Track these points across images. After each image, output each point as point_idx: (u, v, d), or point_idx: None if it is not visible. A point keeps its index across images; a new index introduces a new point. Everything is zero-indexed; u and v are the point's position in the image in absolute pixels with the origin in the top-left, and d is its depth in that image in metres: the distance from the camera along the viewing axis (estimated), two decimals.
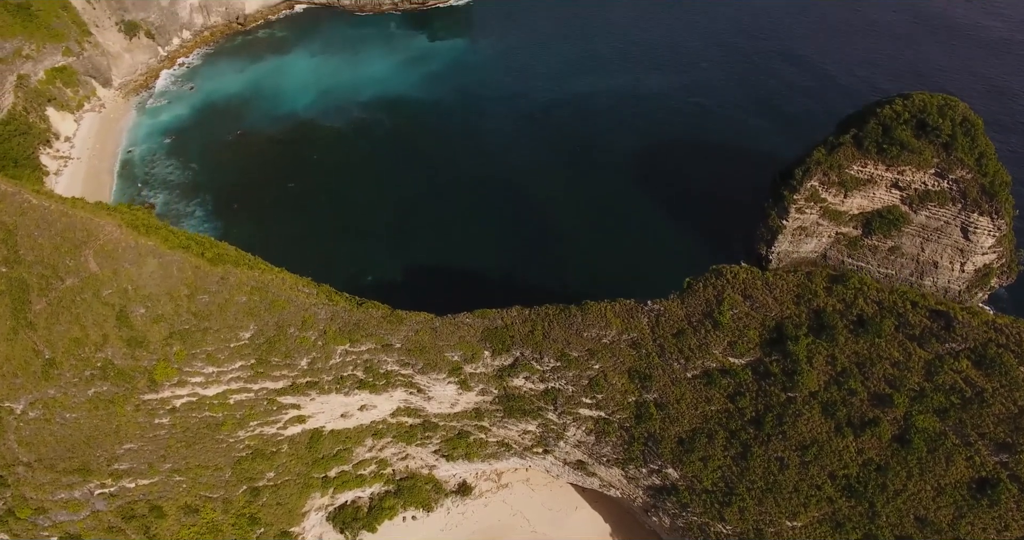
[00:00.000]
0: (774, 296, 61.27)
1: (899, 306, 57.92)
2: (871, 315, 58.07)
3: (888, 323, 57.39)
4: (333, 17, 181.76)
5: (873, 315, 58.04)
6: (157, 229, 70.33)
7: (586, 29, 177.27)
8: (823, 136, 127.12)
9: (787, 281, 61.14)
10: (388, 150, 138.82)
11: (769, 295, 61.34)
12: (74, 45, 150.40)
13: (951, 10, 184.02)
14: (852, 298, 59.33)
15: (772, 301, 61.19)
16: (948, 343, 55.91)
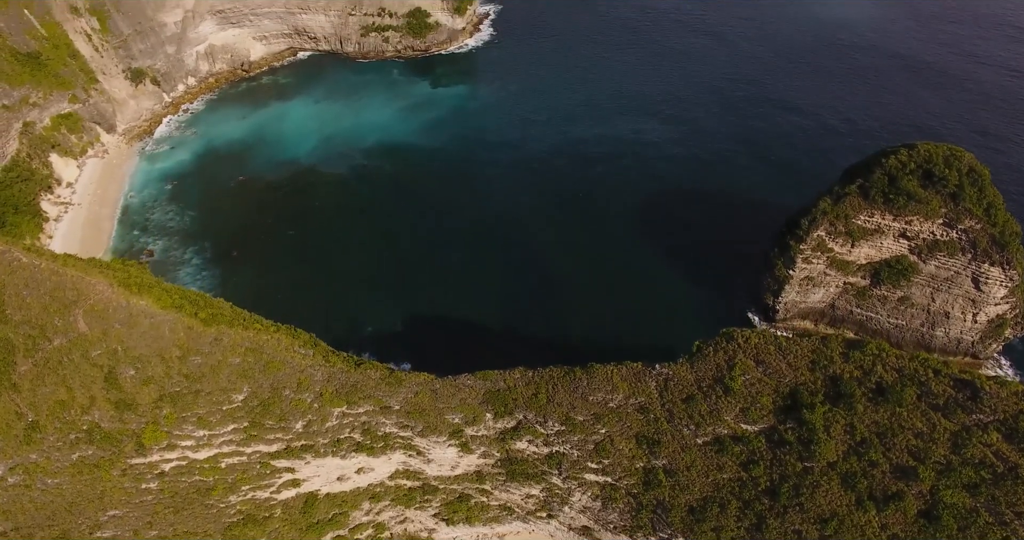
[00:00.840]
0: (788, 362, 59.01)
1: (921, 374, 55.56)
2: (891, 383, 55.68)
3: (910, 392, 54.99)
4: (336, 64, 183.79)
5: (893, 383, 55.66)
6: (150, 288, 68.52)
7: (585, 77, 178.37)
8: (820, 184, 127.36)
9: (801, 346, 58.95)
10: (389, 197, 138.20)
11: (783, 360, 59.08)
12: (81, 92, 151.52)
13: (941, 58, 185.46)
14: (870, 365, 57.03)
15: (786, 367, 58.90)
16: (975, 414, 53.41)
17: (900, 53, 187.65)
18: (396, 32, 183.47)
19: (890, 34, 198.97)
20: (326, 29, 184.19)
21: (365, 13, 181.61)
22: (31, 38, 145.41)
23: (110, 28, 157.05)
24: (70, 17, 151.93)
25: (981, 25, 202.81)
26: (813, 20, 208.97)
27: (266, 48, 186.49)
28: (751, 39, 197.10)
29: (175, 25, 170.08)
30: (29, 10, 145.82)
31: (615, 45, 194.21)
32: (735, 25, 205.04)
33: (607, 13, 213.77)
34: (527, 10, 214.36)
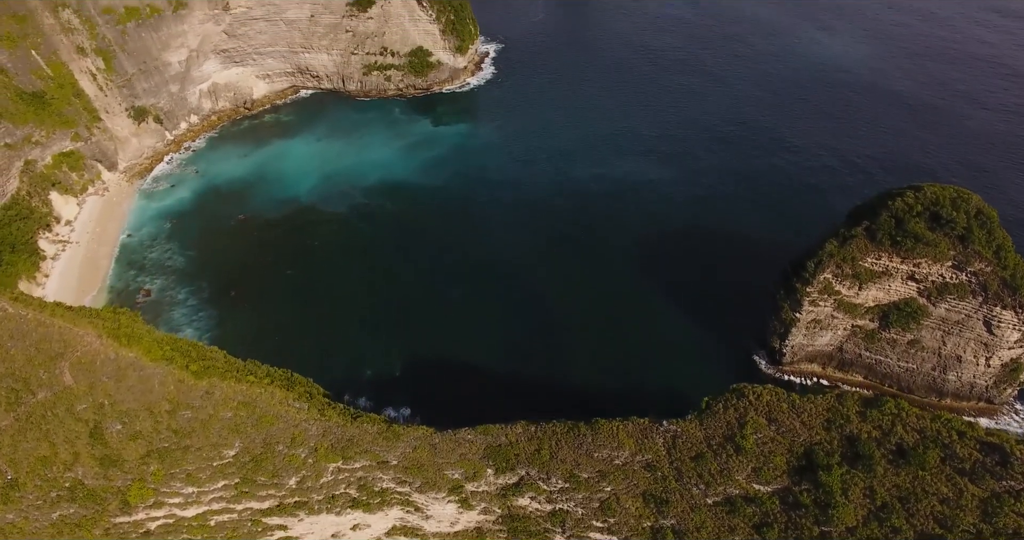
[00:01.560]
0: (802, 420, 56.59)
1: (944, 435, 53.10)
2: (913, 445, 53.21)
3: (933, 454, 52.44)
4: (338, 102, 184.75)
5: (915, 445, 53.17)
6: (140, 338, 66.57)
7: (584, 116, 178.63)
8: (820, 225, 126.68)
9: (815, 404, 56.59)
10: (390, 237, 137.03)
11: (796, 419, 56.67)
12: (83, 130, 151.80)
13: (936, 98, 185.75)
14: (889, 425, 54.59)
15: (800, 425, 56.47)
16: (1005, 480, 50.68)
17: (895, 93, 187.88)
18: (398, 71, 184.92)
19: (885, 74, 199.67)
20: (328, 68, 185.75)
21: (367, 52, 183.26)
22: (37, 78, 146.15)
23: (115, 67, 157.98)
24: (76, 57, 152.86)
25: (975, 66, 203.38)
26: (808, 60, 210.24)
27: (269, 86, 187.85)
28: (747, 79, 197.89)
29: (179, 64, 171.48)
30: (36, 51, 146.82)
31: (614, 83, 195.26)
32: (731, 64, 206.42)
33: (606, 52, 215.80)
34: (527, 49, 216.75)
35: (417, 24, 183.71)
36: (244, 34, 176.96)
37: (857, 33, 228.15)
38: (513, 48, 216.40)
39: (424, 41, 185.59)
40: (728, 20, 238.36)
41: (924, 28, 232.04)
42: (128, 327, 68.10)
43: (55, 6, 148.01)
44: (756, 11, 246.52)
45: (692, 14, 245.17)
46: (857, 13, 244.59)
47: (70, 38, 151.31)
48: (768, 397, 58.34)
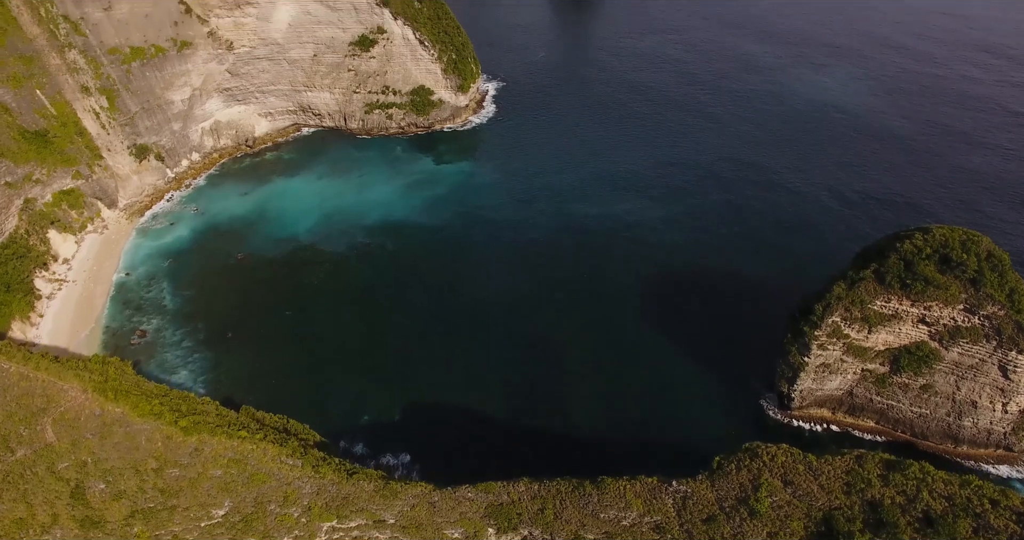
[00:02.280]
0: (820, 483, 53.85)
1: (975, 504, 50.21)
2: (941, 513, 50.32)
3: (964, 524, 49.55)
4: (340, 140, 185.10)
5: (943, 513, 50.31)
6: (128, 393, 64.16)
7: (585, 155, 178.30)
8: (823, 266, 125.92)
9: (834, 466, 53.92)
10: (390, 277, 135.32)
11: (814, 481, 53.94)
12: (85, 168, 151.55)
13: (936, 139, 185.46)
14: (914, 490, 51.83)
15: (818, 489, 53.71)
16: None
17: (892, 131, 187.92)
18: (400, 109, 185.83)
19: (881, 113, 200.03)
20: (330, 106, 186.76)
21: (369, 91, 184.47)
22: (41, 116, 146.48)
23: (118, 106, 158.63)
24: (80, 96, 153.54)
25: (970, 105, 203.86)
26: (803, 98, 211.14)
27: (271, 124, 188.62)
28: (743, 117, 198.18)
29: (182, 102, 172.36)
30: (41, 90, 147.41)
31: (612, 122, 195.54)
32: (727, 103, 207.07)
33: (604, 91, 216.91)
34: (528, 87, 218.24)
35: (419, 63, 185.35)
36: (247, 73, 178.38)
37: (851, 72, 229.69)
38: (514, 86, 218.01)
39: (426, 80, 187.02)
40: (723, 59, 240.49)
41: (917, 67, 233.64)
42: (116, 380, 65.73)
43: (62, 47, 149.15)
44: (750, 50, 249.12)
45: (687, 54, 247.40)
46: (851, 52, 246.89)
47: (75, 78, 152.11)
48: (783, 458, 55.66)
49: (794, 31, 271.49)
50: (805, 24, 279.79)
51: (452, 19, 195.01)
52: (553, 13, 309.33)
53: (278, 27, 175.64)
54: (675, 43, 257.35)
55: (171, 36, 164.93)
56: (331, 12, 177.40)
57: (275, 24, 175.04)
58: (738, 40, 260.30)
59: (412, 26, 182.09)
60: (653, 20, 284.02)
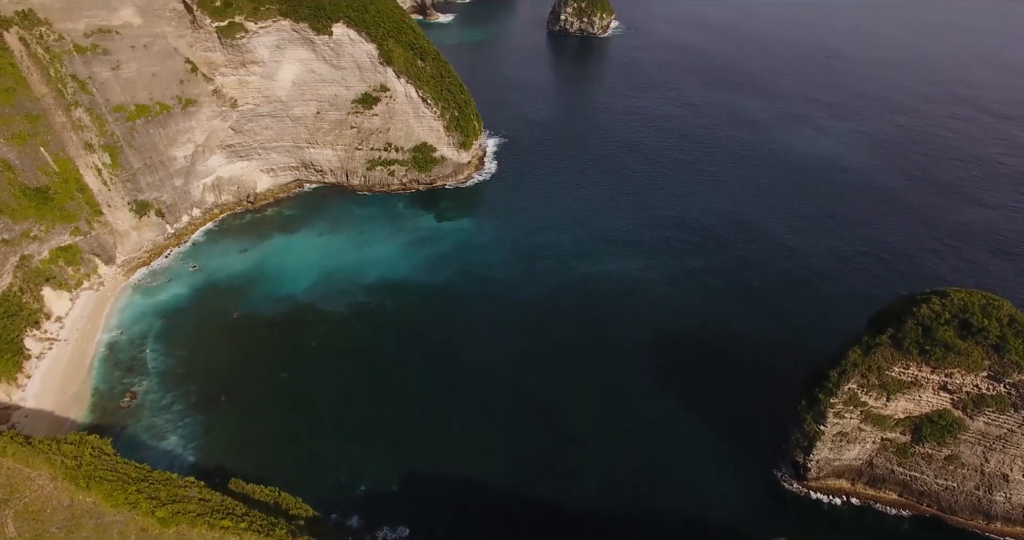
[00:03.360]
0: None
1: None
2: None
3: None
4: (341, 196, 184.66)
5: None
6: (102, 480, 59.72)
7: (587, 212, 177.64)
8: (832, 327, 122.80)
9: None
10: (389, 336, 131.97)
11: None
12: (84, 225, 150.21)
13: (936, 197, 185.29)
14: None
15: None
16: None
17: (895, 191, 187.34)
18: (402, 166, 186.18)
19: (883, 172, 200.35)
20: (333, 162, 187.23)
21: (372, 147, 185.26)
22: (43, 173, 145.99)
23: (121, 163, 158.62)
24: (83, 153, 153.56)
25: (974, 164, 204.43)
26: (804, 158, 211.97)
27: (273, 180, 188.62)
28: (745, 178, 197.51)
29: (184, 159, 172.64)
30: (45, 147, 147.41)
31: (615, 181, 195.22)
32: (728, 163, 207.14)
33: (606, 149, 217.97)
34: (530, 144, 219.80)
35: (422, 120, 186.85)
36: (250, 130, 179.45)
37: (849, 129, 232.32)
38: (516, 143, 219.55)
39: (428, 137, 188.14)
40: (719, 117, 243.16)
41: (915, 124, 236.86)
42: (91, 464, 61.37)
43: (68, 105, 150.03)
44: (746, 107, 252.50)
45: (683, 111, 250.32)
46: (848, 109, 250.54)
47: (79, 135, 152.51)
48: None
49: (790, 88, 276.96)
50: (801, 82, 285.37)
51: (455, 77, 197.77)
52: (553, 71, 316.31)
53: (282, 85, 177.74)
54: (671, 101, 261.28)
55: (176, 94, 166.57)
56: (335, 70, 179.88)
57: (279, 82, 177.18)
58: (734, 98, 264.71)
59: (415, 84, 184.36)
60: (650, 78, 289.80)
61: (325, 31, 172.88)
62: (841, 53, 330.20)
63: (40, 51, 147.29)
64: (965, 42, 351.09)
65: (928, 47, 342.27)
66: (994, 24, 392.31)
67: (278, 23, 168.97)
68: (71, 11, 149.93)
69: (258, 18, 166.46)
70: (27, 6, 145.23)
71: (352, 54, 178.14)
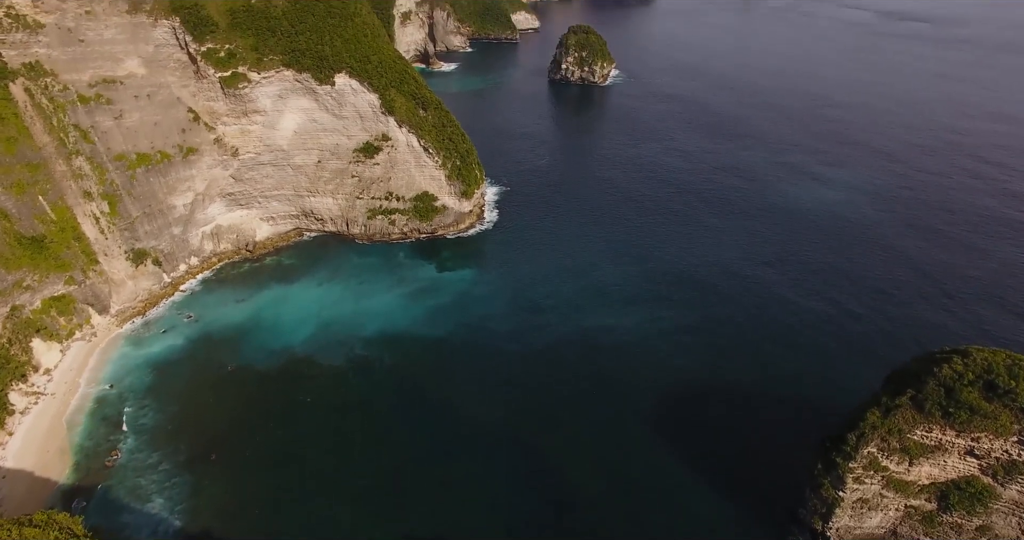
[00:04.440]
0: None
1: None
2: None
3: None
4: (341, 245, 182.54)
5: None
6: None
7: (592, 261, 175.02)
8: (845, 384, 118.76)
9: None
10: (387, 393, 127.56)
11: None
12: (79, 274, 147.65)
13: (941, 251, 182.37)
14: None
15: None
16: None
17: (902, 248, 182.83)
18: (403, 215, 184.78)
19: (887, 225, 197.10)
20: (333, 211, 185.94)
21: (373, 197, 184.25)
22: (39, 222, 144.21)
23: (119, 211, 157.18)
24: (82, 201, 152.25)
25: (980, 218, 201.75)
26: (806, 209, 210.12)
27: (272, 228, 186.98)
28: (746, 229, 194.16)
29: (184, 207, 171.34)
30: (44, 196, 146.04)
31: (616, 232, 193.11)
32: (728, 215, 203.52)
33: (608, 199, 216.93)
34: (531, 193, 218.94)
35: (423, 170, 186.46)
36: (251, 178, 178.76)
37: (851, 181, 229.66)
38: (518, 192, 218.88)
39: (430, 186, 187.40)
40: (721, 170, 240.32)
41: (916, 176, 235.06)
42: None
43: (69, 154, 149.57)
44: (746, 159, 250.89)
45: (683, 162, 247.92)
46: (849, 161, 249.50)
47: (79, 183, 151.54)
48: None
49: (787, 137, 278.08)
50: (797, 131, 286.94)
51: (457, 126, 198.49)
52: (554, 119, 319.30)
53: (284, 134, 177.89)
54: (669, 151, 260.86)
55: (178, 143, 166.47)
56: (336, 120, 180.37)
57: (281, 131, 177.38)
58: (731, 147, 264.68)
59: (417, 133, 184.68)
60: (648, 127, 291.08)
61: (328, 81, 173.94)
62: (837, 102, 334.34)
63: (44, 101, 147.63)
64: (958, 92, 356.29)
65: (923, 96, 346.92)
66: (986, 74, 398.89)
67: (281, 73, 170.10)
68: (77, 63, 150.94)
69: (261, 68, 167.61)
70: (34, 58, 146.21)
71: (354, 104, 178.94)
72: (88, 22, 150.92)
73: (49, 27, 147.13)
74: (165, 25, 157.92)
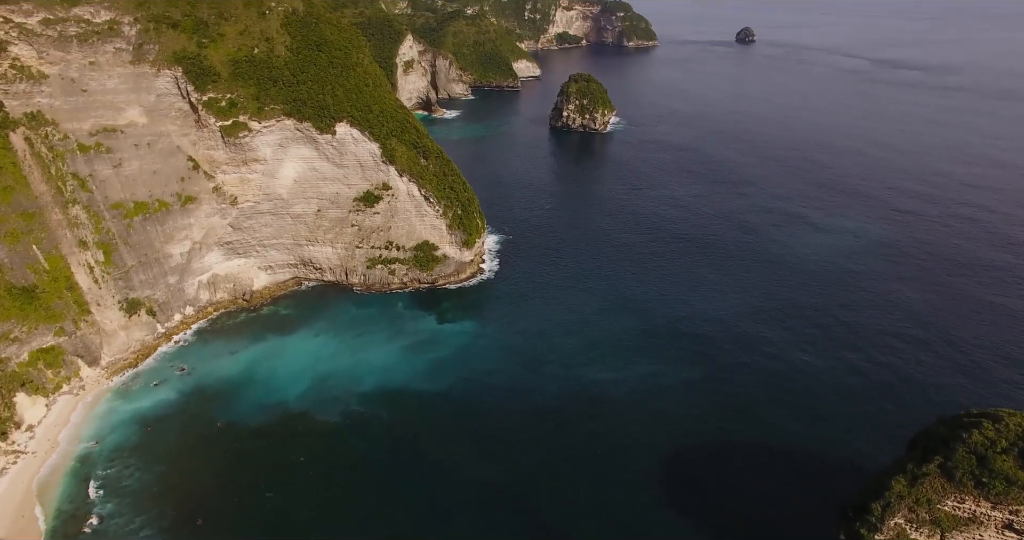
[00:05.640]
0: None
1: None
2: None
3: None
4: (340, 295, 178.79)
5: None
6: None
7: (596, 313, 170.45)
8: (858, 448, 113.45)
9: None
10: (384, 452, 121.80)
11: None
12: (69, 325, 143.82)
13: (958, 305, 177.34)
14: None
15: None
16: None
17: (909, 303, 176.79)
18: (403, 265, 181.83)
19: (893, 279, 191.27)
20: (332, 260, 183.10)
21: (372, 246, 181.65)
22: (32, 271, 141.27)
23: (114, 260, 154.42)
24: (76, 250, 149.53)
25: (988, 271, 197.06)
26: (818, 253, 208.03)
27: (270, 277, 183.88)
28: (749, 283, 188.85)
29: (181, 256, 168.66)
30: (38, 245, 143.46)
31: (618, 282, 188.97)
32: (731, 269, 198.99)
33: (611, 246, 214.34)
34: (534, 241, 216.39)
35: (424, 219, 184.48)
36: (249, 227, 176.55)
37: (853, 232, 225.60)
38: (520, 240, 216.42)
39: (430, 236, 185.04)
40: (721, 220, 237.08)
41: (918, 225, 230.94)
42: None
43: (66, 202, 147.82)
44: (746, 209, 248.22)
45: (684, 214, 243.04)
46: (851, 210, 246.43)
47: (74, 232, 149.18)
48: None
49: (786, 186, 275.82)
50: (796, 180, 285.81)
51: (458, 175, 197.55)
52: (555, 167, 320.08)
53: (283, 183, 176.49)
54: (668, 201, 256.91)
55: (176, 191, 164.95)
56: (337, 169, 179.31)
57: (281, 180, 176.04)
58: (731, 197, 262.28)
59: (417, 182, 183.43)
60: (648, 177, 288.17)
61: (329, 130, 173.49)
62: (835, 149, 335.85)
63: (44, 150, 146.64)
64: (956, 139, 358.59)
65: (921, 144, 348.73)
66: (984, 121, 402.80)
67: (282, 122, 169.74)
68: (79, 112, 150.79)
69: (262, 117, 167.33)
70: (36, 108, 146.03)
71: (355, 153, 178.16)
72: (92, 72, 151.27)
73: (53, 77, 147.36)
74: (168, 75, 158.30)
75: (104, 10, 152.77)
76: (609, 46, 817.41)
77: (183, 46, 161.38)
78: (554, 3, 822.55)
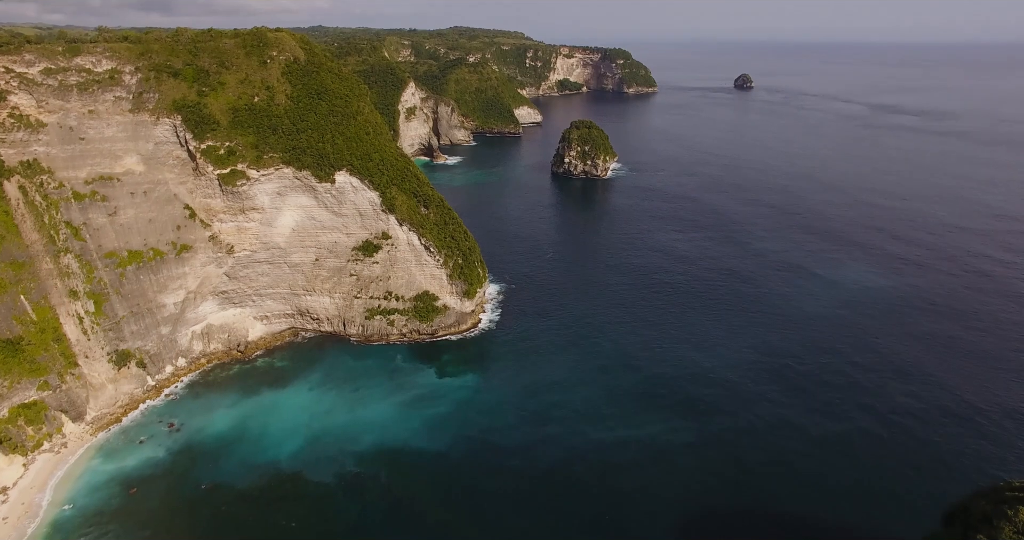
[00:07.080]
0: None
1: None
2: None
3: None
4: (337, 347, 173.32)
5: None
6: None
7: (601, 366, 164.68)
8: (885, 522, 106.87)
9: None
10: (381, 518, 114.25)
11: None
12: (54, 378, 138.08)
13: (972, 363, 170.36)
14: None
15: None
16: None
17: (924, 363, 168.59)
18: (402, 316, 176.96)
19: (904, 336, 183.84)
20: (330, 311, 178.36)
21: (371, 296, 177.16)
22: (18, 323, 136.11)
23: (105, 311, 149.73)
24: (67, 300, 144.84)
25: (998, 328, 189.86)
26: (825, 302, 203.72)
27: (266, 328, 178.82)
28: (755, 340, 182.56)
29: (174, 306, 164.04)
30: (26, 296, 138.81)
31: (627, 332, 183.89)
32: (736, 322, 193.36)
33: (615, 296, 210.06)
34: (537, 291, 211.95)
35: (424, 269, 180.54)
36: (246, 276, 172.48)
37: (858, 283, 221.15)
38: (523, 289, 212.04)
39: (431, 286, 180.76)
40: (723, 272, 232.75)
41: (924, 278, 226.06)
42: None
43: (58, 252, 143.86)
44: (749, 260, 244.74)
45: (686, 266, 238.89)
46: (855, 260, 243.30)
47: (65, 282, 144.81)
48: None
49: (787, 236, 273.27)
50: (798, 230, 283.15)
51: (459, 224, 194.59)
52: (557, 215, 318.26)
53: (281, 232, 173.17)
54: (669, 253, 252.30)
55: (172, 240, 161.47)
56: (336, 218, 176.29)
57: (278, 229, 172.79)
58: (733, 247, 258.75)
59: (417, 232, 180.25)
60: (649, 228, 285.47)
61: (328, 179, 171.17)
62: (835, 198, 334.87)
63: (38, 198, 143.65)
64: (957, 187, 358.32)
65: (922, 191, 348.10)
66: (983, 169, 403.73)
67: (280, 171, 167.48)
68: (75, 160, 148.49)
69: (261, 166, 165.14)
70: (32, 157, 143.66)
71: (354, 201, 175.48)
72: (90, 121, 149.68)
73: (51, 126, 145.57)
74: (167, 123, 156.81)
75: (106, 59, 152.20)
76: (609, 92, 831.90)
77: (183, 94, 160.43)
78: (555, 51, 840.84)
